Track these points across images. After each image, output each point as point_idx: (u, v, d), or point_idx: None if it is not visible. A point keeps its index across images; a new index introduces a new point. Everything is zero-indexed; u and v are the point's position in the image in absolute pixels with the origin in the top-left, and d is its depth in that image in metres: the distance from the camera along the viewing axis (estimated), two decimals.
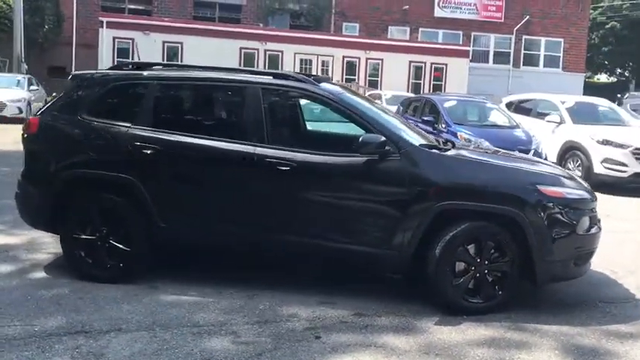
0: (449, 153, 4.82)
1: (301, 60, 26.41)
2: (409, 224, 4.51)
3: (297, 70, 23.84)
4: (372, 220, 4.62)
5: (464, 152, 4.98)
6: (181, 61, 25.39)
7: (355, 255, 4.68)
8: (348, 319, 4.41)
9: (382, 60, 27.17)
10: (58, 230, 5.12)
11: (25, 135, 5.13)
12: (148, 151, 4.75)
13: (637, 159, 10.78)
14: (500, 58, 33.64)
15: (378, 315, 4.51)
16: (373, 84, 26.69)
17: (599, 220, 4.92)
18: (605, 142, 11.13)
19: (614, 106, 13.53)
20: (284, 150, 4.70)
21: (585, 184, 5.09)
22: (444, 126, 11.36)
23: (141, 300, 4.59)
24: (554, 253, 4.49)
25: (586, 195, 4.76)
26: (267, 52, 26.25)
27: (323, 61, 26.56)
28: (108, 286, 4.81)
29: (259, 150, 4.67)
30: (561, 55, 34.08)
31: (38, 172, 5.04)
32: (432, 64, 27.78)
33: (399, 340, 4.09)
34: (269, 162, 4.62)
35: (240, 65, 25.04)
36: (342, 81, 23.55)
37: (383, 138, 4.51)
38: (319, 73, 22.88)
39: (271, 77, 5.04)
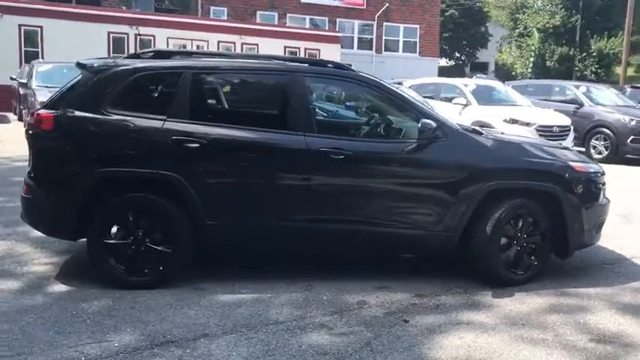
0: (484, 136, 5.06)
1: (175, 45, 25.37)
2: (459, 205, 4.68)
3: None
4: (424, 204, 4.72)
5: (497, 135, 5.26)
6: (41, 47, 23.27)
7: (407, 239, 4.76)
8: (415, 302, 4.50)
9: (257, 45, 26.91)
10: (78, 237, 4.64)
11: (33, 132, 4.53)
12: (191, 145, 4.43)
13: (541, 135, 11.90)
14: (364, 44, 34.95)
15: (437, 294, 4.66)
16: None
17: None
18: (512, 121, 12.17)
19: (507, 88, 14.76)
20: (335, 139, 4.66)
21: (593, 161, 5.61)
22: None
23: (198, 303, 4.32)
24: (584, 223, 4.93)
25: (600, 169, 5.26)
26: (138, 37, 24.89)
27: (197, 46, 25.67)
28: (148, 292, 4.45)
29: (309, 139, 4.56)
30: (417, 40, 36.15)
31: (57, 172, 4.47)
32: (306, 49, 28.08)
33: (479, 315, 4.28)
34: (322, 151, 4.54)
35: (109, 51, 23.55)
36: None
37: (435, 123, 4.64)
38: None
39: (307, 64, 4.92)
